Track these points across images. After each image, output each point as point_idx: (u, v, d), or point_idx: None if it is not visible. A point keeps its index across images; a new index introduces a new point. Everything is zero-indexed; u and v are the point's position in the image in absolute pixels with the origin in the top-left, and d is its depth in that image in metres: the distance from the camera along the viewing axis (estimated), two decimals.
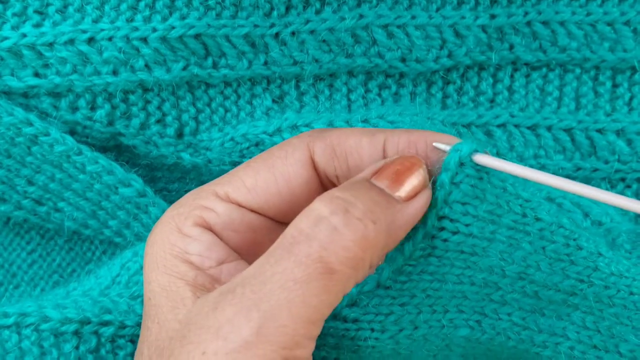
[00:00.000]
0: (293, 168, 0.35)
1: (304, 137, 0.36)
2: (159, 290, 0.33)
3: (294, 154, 0.36)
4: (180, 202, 0.36)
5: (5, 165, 0.46)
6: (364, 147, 0.35)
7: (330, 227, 0.30)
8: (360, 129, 0.37)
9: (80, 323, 0.39)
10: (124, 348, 0.40)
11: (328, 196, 0.32)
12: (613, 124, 0.49)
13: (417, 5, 0.47)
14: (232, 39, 0.46)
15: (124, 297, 0.41)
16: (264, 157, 0.36)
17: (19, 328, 0.38)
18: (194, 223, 0.34)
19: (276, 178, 0.35)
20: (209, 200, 0.35)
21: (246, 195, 0.35)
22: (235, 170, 0.36)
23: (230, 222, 0.35)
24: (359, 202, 0.31)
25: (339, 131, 0.36)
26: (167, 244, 0.34)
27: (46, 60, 0.44)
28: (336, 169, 0.36)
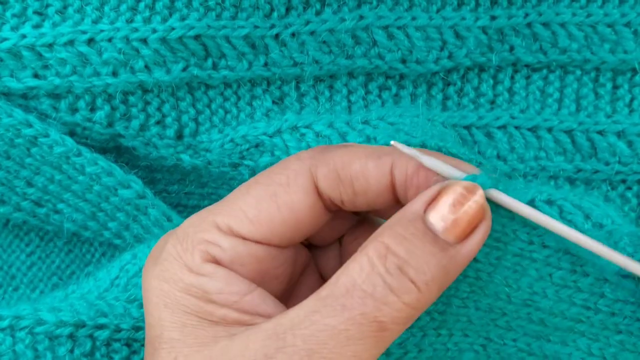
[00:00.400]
0: (296, 196, 0.34)
1: (305, 160, 0.35)
2: (177, 326, 0.33)
3: (297, 180, 0.34)
4: (179, 235, 0.35)
5: (5, 167, 0.46)
6: (370, 171, 0.34)
7: (385, 287, 0.30)
8: (364, 149, 0.35)
9: (75, 326, 0.39)
10: (119, 352, 0.39)
11: (382, 248, 0.31)
12: (614, 126, 0.49)
13: (418, 7, 0.47)
14: (232, 40, 0.46)
15: (120, 300, 0.41)
16: (263, 182, 0.35)
17: (13, 331, 0.38)
18: (203, 260, 0.33)
19: (279, 207, 0.34)
20: (212, 234, 0.34)
21: (249, 228, 0.34)
22: (234, 198, 0.35)
23: (236, 256, 0.34)
24: (413, 259, 0.31)
25: (342, 152, 0.35)
26: (181, 284, 0.33)
27: (46, 61, 0.44)
28: (342, 194, 0.35)
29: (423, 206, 0.32)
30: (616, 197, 0.49)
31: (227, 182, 0.50)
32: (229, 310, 0.33)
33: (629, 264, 0.32)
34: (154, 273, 0.34)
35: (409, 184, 0.34)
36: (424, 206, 0.32)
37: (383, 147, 0.35)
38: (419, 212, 0.32)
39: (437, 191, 0.33)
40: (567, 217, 0.44)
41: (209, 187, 0.51)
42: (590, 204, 0.44)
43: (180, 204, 0.52)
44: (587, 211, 0.44)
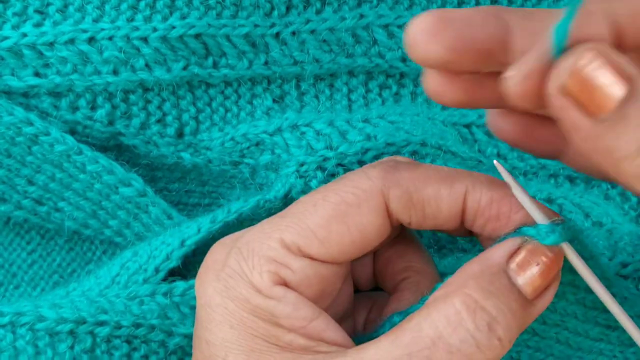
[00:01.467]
0: (367, 218, 0.33)
1: (376, 180, 0.33)
2: (245, 351, 0.32)
3: (368, 201, 0.33)
4: (243, 251, 0.33)
5: (6, 165, 0.46)
6: (443, 199, 0.33)
7: (473, 343, 0.30)
8: (436, 172, 0.34)
9: (75, 323, 0.39)
10: (120, 348, 0.39)
11: (471, 302, 0.31)
12: None
13: (418, 5, 0.47)
14: (233, 39, 0.46)
15: (121, 297, 0.41)
16: (332, 201, 0.33)
17: (14, 327, 0.38)
18: (273, 282, 0.32)
19: (349, 228, 0.33)
20: (280, 254, 0.33)
21: (319, 249, 0.33)
22: (301, 215, 0.33)
23: (305, 278, 0.33)
24: (502, 317, 0.31)
25: (414, 175, 0.34)
26: (248, 305, 0.32)
27: (46, 59, 0.44)
28: (411, 217, 0.34)
29: (506, 258, 0.32)
30: (616, 195, 0.49)
31: (227, 181, 0.50)
32: (295, 335, 0.32)
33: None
34: (217, 289, 0.33)
35: (479, 214, 0.34)
36: (507, 258, 0.32)
37: (454, 171, 0.35)
38: (503, 264, 0.32)
39: (519, 244, 0.32)
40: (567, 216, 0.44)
41: (209, 185, 0.51)
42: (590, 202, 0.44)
43: (181, 202, 0.52)
44: (587, 210, 0.45)
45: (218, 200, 0.51)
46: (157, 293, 0.41)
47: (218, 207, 0.45)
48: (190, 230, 0.43)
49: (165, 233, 0.44)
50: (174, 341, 0.40)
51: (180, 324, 0.40)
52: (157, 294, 0.41)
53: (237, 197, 0.47)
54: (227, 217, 0.43)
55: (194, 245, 0.43)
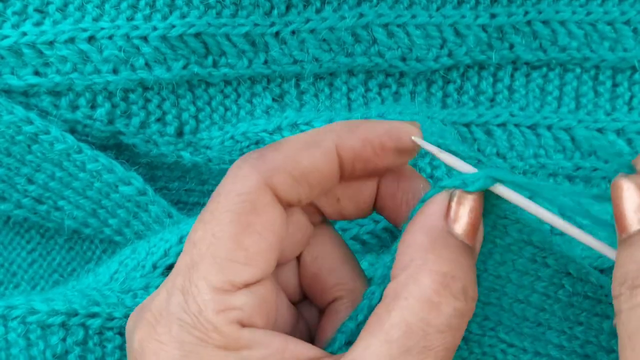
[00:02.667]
0: (269, 216, 0.32)
1: (253, 175, 0.32)
2: None
3: (260, 201, 0.32)
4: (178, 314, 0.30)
5: (6, 164, 0.46)
6: (319, 162, 0.33)
7: (458, 315, 0.31)
8: (300, 141, 0.33)
9: (67, 315, 0.38)
10: (112, 340, 0.39)
11: (439, 277, 0.31)
12: (613, 124, 0.49)
13: (418, 5, 0.47)
14: (233, 38, 0.46)
15: (114, 290, 0.41)
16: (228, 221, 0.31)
17: (5, 320, 0.38)
18: (236, 329, 0.30)
19: (261, 235, 0.31)
20: (219, 300, 0.30)
21: (248, 271, 0.31)
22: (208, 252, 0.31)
23: (253, 309, 0.31)
24: (469, 278, 0.31)
25: (284, 153, 0.33)
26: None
27: (46, 58, 0.44)
28: (300, 194, 0.33)
29: (444, 218, 0.32)
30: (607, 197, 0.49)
31: None
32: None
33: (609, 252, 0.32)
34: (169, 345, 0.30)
35: (357, 159, 0.34)
36: (445, 217, 0.32)
37: (316, 131, 0.34)
38: (445, 226, 0.32)
39: (448, 200, 0.33)
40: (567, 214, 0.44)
41: (209, 184, 0.52)
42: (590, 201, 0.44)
43: (181, 201, 0.52)
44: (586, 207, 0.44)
45: None
46: (151, 286, 0.41)
47: None
48: (189, 227, 0.43)
49: (164, 230, 0.44)
50: None
51: None
52: (150, 287, 0.41)
53: None
54: None
55: None
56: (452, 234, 0.32)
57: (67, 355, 0.38)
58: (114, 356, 0.39)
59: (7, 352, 0.38)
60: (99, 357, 0.39)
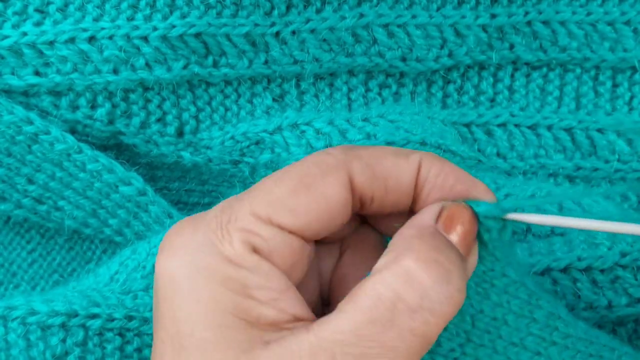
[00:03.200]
0: (333, 189, 0.33)
1: (338, 155, 0.34)
2: (211, 326, 0.31)
3: (332, 173, 0.33)
4: (211, 223, 0.33)
5: (6, 164, 0.46)
6: (403, 169, 0.34)
7: (434, 299, 0.30)
8: (390, 148, 0.35)
9: (67, 316, 0.38)
10: (112, 341, 0.39)
11: (424, 258, 0.31)
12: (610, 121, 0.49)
13: (418, 5, 0.47)
14: (233, 38, 0.46)
15: (114, 292, 0.41)
16: (298, 173, 0.33)
17: (5, 321, 0.38)
18: (244, 250, 0.32)
19: (317, 198, 0.33)
20: (251, 223, 0.32)
21: (289, 218, 0.32)
22: (269, 187, 0.33)
23: (275, 247, 0.32)
24: (455, 269, 0.31)
25: (372, 150, 0.34)
26: (218, 276, 0.31)
27: (47, 58, 0.44)
28: (374, 191, 0.34)
29: (434, 220, 0.33)
30: (616, 195, 0.49)
31: (227, 180, 0.50)
32: (266, 308, 0.31)
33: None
34: (183, 262, 0.32)
35: (427, 182, 0.34)
36: (435, 219, 0.33)
37: (409, 150, 0.35)
38: (434, 225, 0.33)
39: (441, 207, 0.33)
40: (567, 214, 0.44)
41: (209, 184, 0.52)
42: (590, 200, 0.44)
43: (181, 201, 0.52)
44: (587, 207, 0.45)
45: (218, 199, 0.51)
46: (152, 287, 0.41)
47: None
48: None
49: (164, 231, 0.44)
50: None
51: None
52: (151, 288, 0.41)
53: None
54: None
55: None
56: (440, 233, 0.32)
57: (66, 356, 0.38)
58: (114, 357, 0.39)
59: (7, 353, 0.38)
60: (99, 358, 0.39)
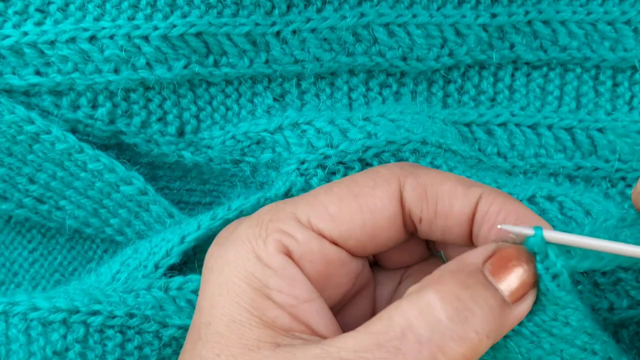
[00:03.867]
0: (380, 200, 0.33)
1: (394, 169, 0.34)
2: (226, 320, 0.31)
3: (383, 185, 0.33)
4: (253, 220, 0.33)
5: (7, 164, 0.46)
6: (458, 196, 0.33)
7: (446, 336, 0.29)
8: (455, 175, 0.34)
9: (68, 312, 0.38)
10: (113, 339, 0.39)
11: (446, 292, 0.30)
12: (614, 123, 0.49)
13: (418, 4, 0.47)
14: (234, 38, 0.46)
15: (117, 290, 0.41)
16: (348, 183, 0.33)
17: (7, 316, 0.38)
18: (276, 250, 0.32)
19: (361, 208, 0.33)
20: (289, 225, 0.32)
21: (329, 224, 0.32)
22: (316, 193, 0.33)
23: (308, 251, 0.32)
24: (478, 310, 0.30)
25: (433, 172, 0.34)
26: (242, 270, 0.31)
27: (47, 58, 0.44)
28: (422, 211, 0.33)
29: (482, 260, 0.31)
30: (616, 194, 0.49)
31: (228, 179, 0.50)
32: (282, 312, 0.31)
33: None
34: (217, 252, 0.32)
35: (487, 219, 0.33)
36: (484, 259, 0.31)
37: (474, 182, 0.34)
38: (479, 264, 0.31)
39: (494, 249, 0.32)
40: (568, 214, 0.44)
41: (210, 183, 0.52)
42: (591, 200, 0.44)
43: (182, 201, 0.52)
44: (587, 207, 0.45)
45: (219, 198, 0.51)
46: (154, 287, 0.41)
47: (219, 206, 0.45)
48: (190, 227, 0.43)
49: (166, 230, 0.45)
50: (168, 332, 0.40)
51: (175, 315, 0.40)
52: (153, 288, 0.41)
53: (237, 195, 0.47)
54: (227, 215, 0.43)
55: (193, 242, 0.43)
56: (483, 273, 0.31)
57: (67, 352, 0.38)
58: (115, 354, 0.39)
59: (7, 348, 0.38)
60: (99, 354, 0.39)
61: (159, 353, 0.40)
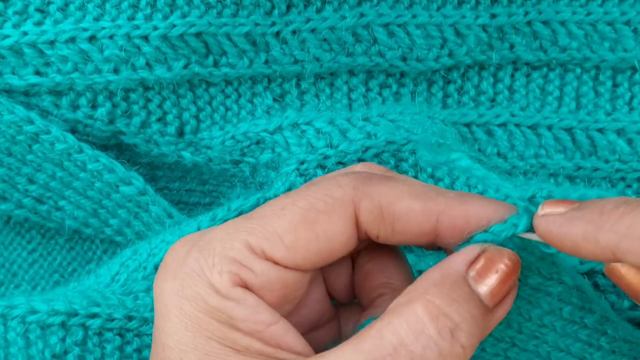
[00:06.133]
0: (336, 227, 0.32)
1: (348, 190, 0.33)
2: (198, 354, 0.31)
3: (338, 210, 0.32)
4: (204, 249, 0.32)
5: (6, 164, 0.46)
6: (416, 215, 0.33)
7: (435, 351, 0.29)
8: (409, 187, 0.34)
9: (67, 315, 0.38)
10: (112, 341, 0.39)
11: (433, 308, 0.30)
12: (613, 124, 0.49)
13: (418, 4, 0.47)
14: (233, 38, 0.46)
15: (116, 293, 0.41)
16: (301, 206, 0.32)
17: (5, 319, 0.38)
18: (233, 282, 0.31)
19: (317, 236, 0.32)
20: (243, 255, 0.32)
21: (284, 254, 0.32)
22: (267, 218, 0.32)
23: (267, 281, 0.32)
24: (465, 324, 0.30)
25: (387, 188, 0.33)
26: (204, 305, 0.31)
27: (47, 58, 0.44)
28: (380, 230, 0.33)
29: (466, 266, 0.32)
30: (616, 194, 0.49)
31: (228, 179, 0.50)
32: (252, 339, 0.31)
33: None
34: (173, 288, 0.32)
35: (457, 232, 0.33)
36: (467, 266, 0.32)
37: (427, 188, 0.34)
38: (462, 272, 0.32)
39: (478, 252, 0.32)
40: None
41: (210, 184, 0.52)
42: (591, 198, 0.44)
43: (182, 201, 0.52)
44: None
45: (218, 199, 0.51)
46: (152, 288, 0.41)
47: (218, 206, 0.45)
48: (190, 228, 0.43)
49: (165, 231, 0.44)
50: None
51: None
52: (151, 290, 0.41)
53: (237, 195, 0.47)
54: (227, 215, 0.43)
55: None
56: (466, 281, 0.31)
57: (66, 355, 0.38)
58: (113, 357, 0.39)
59: (6, 351, 0.38)
60: (98, 357, 0.39)
61: None
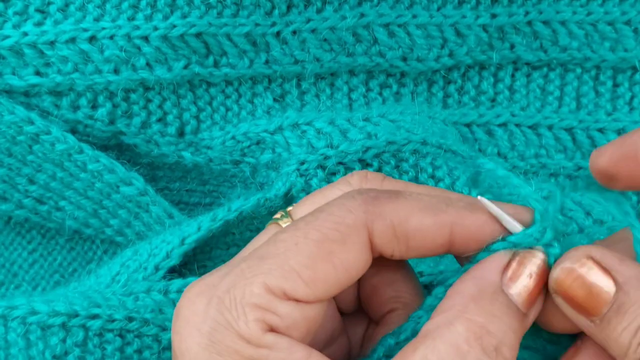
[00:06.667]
0: (353, 255, 0.32)
1: (359, 214, 0.32)
2: None
3: (352, 237, 0.32)
4: (224, 300, 0.31)
5: (7, 164, 0.46)
6: (429, 229, 0.32)
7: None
8: (418, 202, 0.33)
9: (67, 316, 0.38)
10: (112, 342, 0.39)
11: (476, 327, 0.30)
12: (614, 124, 0.49)
13: (418, 4, 0.47)
14: (234, 38, 0.46)
15: (116, 293, 0.41)
16: (315, 239, 0.32)
17: (5, 320, 0.38)
18: (262, 330, 0.31)
19: (335, 267, 0.32)
20: (265, 300, 0.31)
21: (305, 291, 0.31)
22: (284, 255, 0.32)
23: (292, 322, 0.31)
24: (507, 338, 0.30)
25: (397, 206, 0.33)
26: (238, 357, 0.30)
27: (47, 58, 0.44)
28: (394, 250, 0.33)
29: (500, 274, 0.32)
30: (616, 194, 0.49)
31: (228, 180, 0.50)
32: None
33: None
34: (201, 344, 0.31)
35: (472, 240, 0.33)
36: (501, 274, 0.32)
37: (436, 199, 0.33)
38: (498, 282, 0.31)
39: (509, 258, 0.32)
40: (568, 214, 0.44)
41: (210, 184, 0.52)
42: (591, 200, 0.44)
43: (182, 202, 0.52)
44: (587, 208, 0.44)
45: (219, 199, 0.51)
46: (153, 289, 0.41)
47: (219, 207, 0.45)
48: (191, 229, 0.43)
49: (166, 232, 0.45)
50: (167, 336, 0.40)
51: None
52: (152, 291, 0.41)
53: (237, 196, 0.47)
54: (227, 216, 0.43)
55: (194, 244, 0.43)
56: (503, 292, 0.31)
57: (66, 356, 0.38)
58: (114, 358, 0.39)
59: (7, 352, 0.38)
60: (99, 358, 0.39)
61: (159, 356, 0.40)
